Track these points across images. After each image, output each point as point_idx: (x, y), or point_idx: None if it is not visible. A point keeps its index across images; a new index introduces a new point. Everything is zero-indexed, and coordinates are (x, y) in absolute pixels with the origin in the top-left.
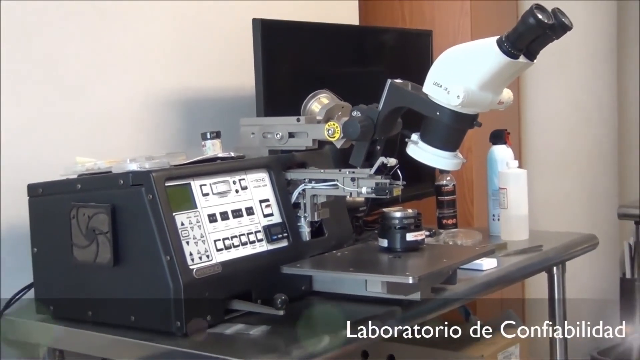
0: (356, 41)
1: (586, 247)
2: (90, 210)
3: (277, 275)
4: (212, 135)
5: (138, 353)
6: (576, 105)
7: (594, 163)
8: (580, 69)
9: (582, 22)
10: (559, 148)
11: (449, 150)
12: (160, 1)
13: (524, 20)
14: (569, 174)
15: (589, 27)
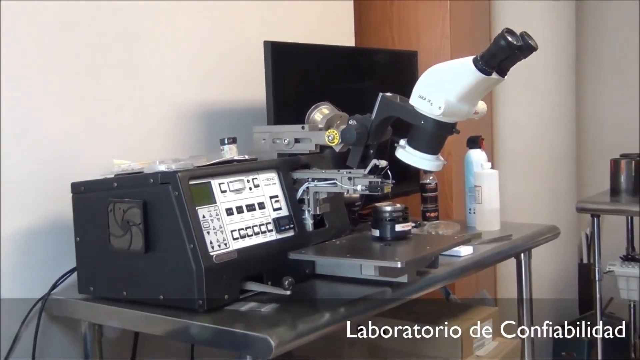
0: (352, 60)
1: (549, 237)
2: (125, 205)
3: (285, 260)
4: (229, 140)
5: (166, 327)
6: (540, 115)
7: (556, 164)
8: (543, 84)
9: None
10: (526, 152)
11: (431, 153)
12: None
13: (496, 42)
14: (534, 174)
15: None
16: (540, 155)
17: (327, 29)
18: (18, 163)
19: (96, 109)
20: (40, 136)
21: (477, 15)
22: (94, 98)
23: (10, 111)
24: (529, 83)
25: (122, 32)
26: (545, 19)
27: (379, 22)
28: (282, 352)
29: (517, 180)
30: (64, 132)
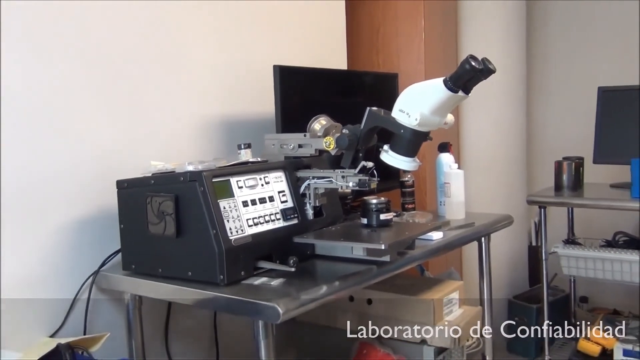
0: (345, 81)
1: (505, 224)
2: (160, 198)
3: (290, 243)
4: (245, 146)
5: (193, 297)
6: (497, 124)
7: (510, 165)
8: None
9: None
10: (486, 155)
11: (409, 156)
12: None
13: (462, 66)
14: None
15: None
16: (497, 157)
17: (324, 55)
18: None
19: (137, 120)
20: (91, 141)
21: (447, 43)
22: (136, 110)
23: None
24: (489, 98)
25: (160, 55)
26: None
27: (366, 49)
28: (288, 317)
29: (479, 178)
30: (111, 138)
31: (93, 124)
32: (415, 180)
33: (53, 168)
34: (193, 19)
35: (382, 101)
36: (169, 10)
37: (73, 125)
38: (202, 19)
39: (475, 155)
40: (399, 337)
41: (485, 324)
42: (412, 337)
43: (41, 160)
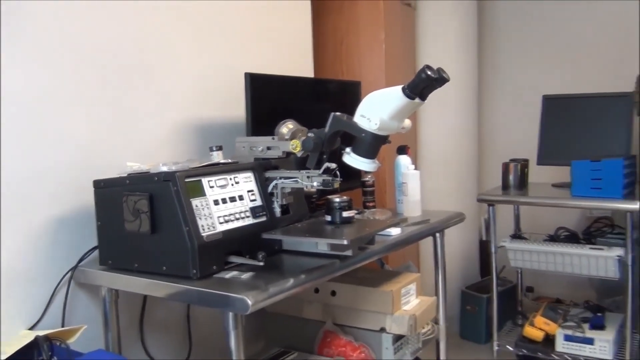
0: (311, 88)
1: (457, 220)
2: (135, 197)
3: (259, 239)
4: (216, 148)
5: (167, 291)
6: (451, 129)
7: (462, 166)
8: (453, 105)
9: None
10: (441, 157)
11: (370, 158)
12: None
13: (418, 75)
14: (447, 173)
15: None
16: (451, 159)
17: (292, 64)
18: (52, 163)
19: (115, 122)
20: (71, 142)
21: (406, 53)
22: (114, 113)
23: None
24: (443, 105)
25: (139, 62)
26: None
27: (331, 59)
28: (256, 309)
29: (434, 178)
30: (89, 140)
31: (72, 126)
32: (375, 180)
33: (34, 168)
34: (172, 29)
35: (345, 107)
36: (148, 20)
37: (53, 127)
38: (181, 30)
39: (431, 157)
40: (361, 326)
41: (440, 313)
42: (373, 325)
43: (22, 160)
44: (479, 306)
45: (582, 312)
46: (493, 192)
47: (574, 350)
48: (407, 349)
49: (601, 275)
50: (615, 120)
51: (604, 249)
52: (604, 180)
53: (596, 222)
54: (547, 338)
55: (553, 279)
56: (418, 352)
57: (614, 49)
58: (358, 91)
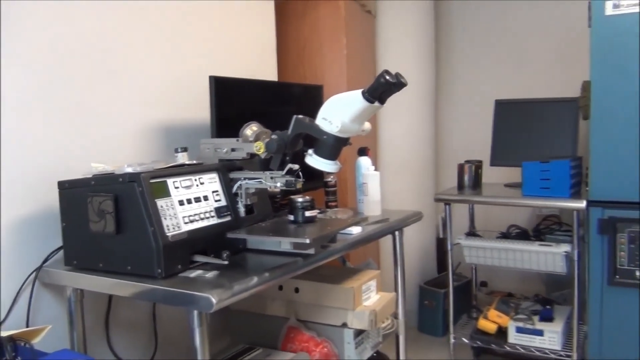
0: (275, 91)
1: (415, 219)
2: (100, 198)
3: (224, 238)
4: (181, 149)
5: (132, 290)
6: (410, 132)
7: (420, 167)
8: (412, 109)
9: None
10: (400, 158)
11: (331, 159)
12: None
13: (377, 80)
14: (405, 174)
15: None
16: (409, 160)
17: (256, 67)
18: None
19: (80, 124)
20: (35, 143)
21: (366, 58)
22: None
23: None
24: (402, 108)
25: (104, 63)
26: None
27: (295, 63)
28: (221, 307)
29: (393, 178)
30: (54, 141)
31: (38, 128)
32: (337, 180)
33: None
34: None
35: (308, 110)
36: (113, 21)
37: (18, 127)
38: (145, 32)
39: (391, 159)
40: (323, 321)
41: (399, 308)
42: (335, 321)
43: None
44: (436, 301)
45: (532, 305)
46: (449, 192)
47: (525, 341)
48: (367, 343)
49: (550, 270)
50: (563, 123)
51: (552, 246)
52: (552, 181)
53: (545, 220)
54: (500, 330)
55: (505, 274)
56: (378, 346)
57: (562, 56)
58: (320, 95)
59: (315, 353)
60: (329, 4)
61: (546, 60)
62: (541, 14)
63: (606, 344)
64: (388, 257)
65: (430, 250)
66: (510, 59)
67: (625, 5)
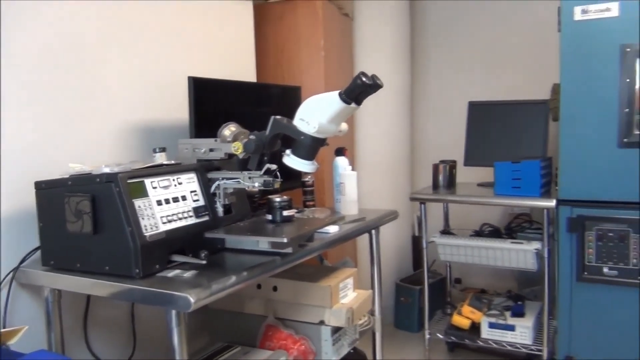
0: (253, 92)
1: (391, 218)
2: (77, 198)
3: (202, 238)
4: (159, 149)
5: (110, 290)
6: (386, 132)
7: (397, 167)
8: (388, 110)
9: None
10: (377, 158)
11: (309, 160)
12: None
13: (354, 82)
14: (382, 174)
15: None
16: (386, 160)
17: (235, 68)
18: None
19: (58, 124)
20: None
21: (344, 60)
22: (56, 114)
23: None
24: (379, 109)
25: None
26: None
27: (273, 65)
28: (199, 306)
29: (370, 178)
30: (31, 141)
31: (15, 127)
32: (315, 180)
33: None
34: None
35: (286, 111)
36: (90, 21)
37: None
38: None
39: (367, 159)
40: (301, 319)
41: (376, 305)
42: (312, 318)
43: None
44: (411, 297)
45: (504, 301)
46: (424, 191)
47: (498, 336)
48: (345, 340)
49: (521, 267)
50: (533, 125)
51: (523, 243)
52: (523, 180)
53: (516, 218)
54: (474, 326)
55: (479, 271)
56: (355, 342)
57: (533, 59)
58: (298, 96)
59: (293, 350)
60: (306, 6)
61: (518, 63)
62: (514, 17)
63: (575, 338)
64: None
65: (406, 248)
66: (484, 61)
67: (593, 11)
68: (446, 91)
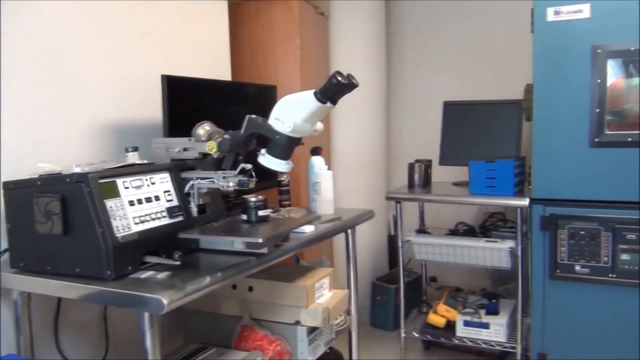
0: (228, 90)
1: (367, 217)
2: (47, 198)
3: (176, 239)
4: (132, 149)
5: (81, 293)
6: (362, 132)
7: (373, 167)
8: (363, 109)
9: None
10: (352, 158)
11: (284, 159)
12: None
13: (329, 81)
14: (358, 173)
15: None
16: (362, 160)
17: (210, 66)
18: None
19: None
20: None
21: (320, 59)
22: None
23: None
24: (353, 109)
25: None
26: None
27: (249, 64)
28: (172, 308)
29: (346, 178)
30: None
31: None
32: (290, 180)
33: None
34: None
35: (262, 110)
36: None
37: None
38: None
39: (343, 158)
40: (277, 320)
41: (352, 304)
42: (288, 319)
43: None
44: (387, 296)
45: (479, 299)
46: (400, 190)
47: (472, 334)
48: (321, 340)
49: (495, 265)
50: (507, 125)
51: (497, 242)
52: (498, 179)
53: (491, 217)
54: (449, 324)
55: (454, 269)
56: (331, 342)
57: (507, 59)
58: (274, 95)
59: (269, 351)
60: (282, 6)
61: (493, 63)
62: (489, 18)
63: (548, 335)
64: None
65: (382, 247)
66: (459, 61)
67: (565, 12)
68: (422, 91)
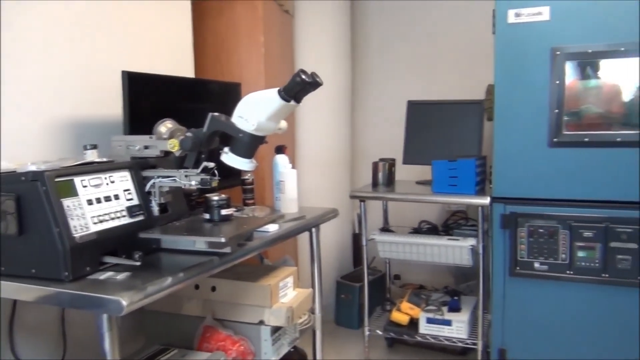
0: (191, 88)
1: (332, 216)
2: (1, 197)
3: (136, 238)
4: (90, 146)
5: (38, 294)
6: (327, 131)
7: (337, 165)
8: (328, 107)
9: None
10: (317, 156)
11: (247, 157)
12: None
13: (293, 79)
14: (322, 172)
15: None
16: (326, 159)
17: (172, 63)
18: None
19: None
20: None
21: (284, 57)
22: None
23: None
24: (318, 108)
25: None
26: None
27: (212, 60)
28: (132, 309)
29: (311, 176)
30: None
31: None
32: (255, 178)
33: None
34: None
35: (226, 108)
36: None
37: None
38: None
39: (308, 157)
40: (240, 320)
41: (316, 303)
42: (251, 318)
43: None
44: (352, 294)
45: (441, 296)
46: (364, 189)
47: (435, 331)
48: (284, 339)
49: (457, 262)
50: (469, 124)
51: (459, 240)
52: (459, 178)
53: (453, 216)
54: (412, 321)
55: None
56: (295, 341)
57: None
58: (238, 92)
59: (232, 352)
60: (246, 3)
61: (455, 63)
62: (452, 19)
63: (507, 331)
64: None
65: (346, 245)
66: (423, 61)
67: (526, 15)
68: (386, 90)
